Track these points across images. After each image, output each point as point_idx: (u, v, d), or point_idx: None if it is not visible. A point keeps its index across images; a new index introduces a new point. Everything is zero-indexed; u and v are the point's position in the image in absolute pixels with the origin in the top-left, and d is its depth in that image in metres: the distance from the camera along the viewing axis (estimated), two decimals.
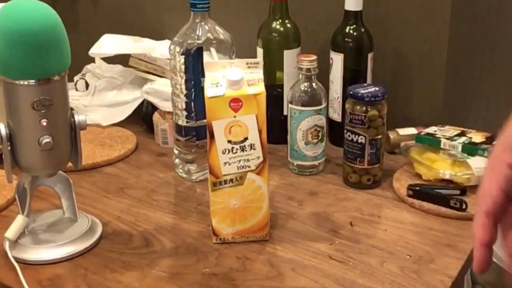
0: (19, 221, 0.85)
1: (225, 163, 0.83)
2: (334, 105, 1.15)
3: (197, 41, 0.99)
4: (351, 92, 0.98)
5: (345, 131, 1.00)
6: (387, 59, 1.20)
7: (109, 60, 1.35)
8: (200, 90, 0.97)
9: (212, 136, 0.82)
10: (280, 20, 1.14)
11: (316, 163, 1.07)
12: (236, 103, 0.80)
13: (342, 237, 0.88)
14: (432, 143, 1.03)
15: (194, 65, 0.99)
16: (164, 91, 1.18)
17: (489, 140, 1.02)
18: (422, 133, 1.06)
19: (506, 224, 0.56)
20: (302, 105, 1.03)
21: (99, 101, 1.32)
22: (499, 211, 0.55)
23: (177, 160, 1.08)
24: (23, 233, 0.86)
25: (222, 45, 1.00)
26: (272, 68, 1.15)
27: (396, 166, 1.07)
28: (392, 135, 1.12)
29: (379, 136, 0.99)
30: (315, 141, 1.05)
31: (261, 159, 0.83)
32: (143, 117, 1.27)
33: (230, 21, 1.15)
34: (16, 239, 0.84)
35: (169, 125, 1.18)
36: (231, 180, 0.84)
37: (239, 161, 0.83)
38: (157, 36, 1.37)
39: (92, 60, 1.38)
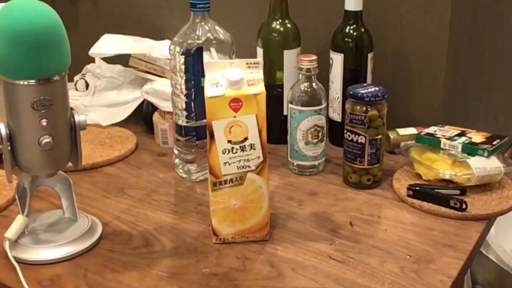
0: (19, 221, 0.85)
1: (225, 163, 0.83)
2: (334, 105, 1.15)
3: (197, 41, 0.99)
4: (351, 92, 0.98)
5: (345, 131, 1.00)
6: (387, 59, 1.20)
7: (109, 60, 1.35)
8: (200, 90, 0.97)
9: (212, 136, 0.82)
10: (280, 20, 1.14)
11: (316, 163, 1.07)
12: (236, 103, 0.80)
13: (342, 237, 0.88)
14: (432, 143, 1.03)
15: (194, 65, 0.99)
16: (164, 91, 1.18)
17: (489, 140, 1.02)
18: (422, 133, 1.06)
19: None
20: (302, 105, 1.03)
21: (99, 101, 1.32)
22: None
23: (177, 160, 1.08)
24: (23, 233, 0.86)
25: (222, 45, 1.00)
26: (272, 68, 1.15)
27: (396, 166, 1.07)
28: (392, 135, 1.12)
29: (379, 136, 0.99)
30: (315, 141, 1.05)
31: (261, 159, 0.83)
32: (143, 117, 1.27)
33: (230, 21, 1.14)
34: (16, 239, 0.84)
35: (169, 125, 1.18)
36: (231, 180, 0.84)
37: (239, 161, 0.83)
38: (157, 36, 1.37)
39: (92, 60, 1.38)
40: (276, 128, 1.13)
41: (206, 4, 0.99)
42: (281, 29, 1.14)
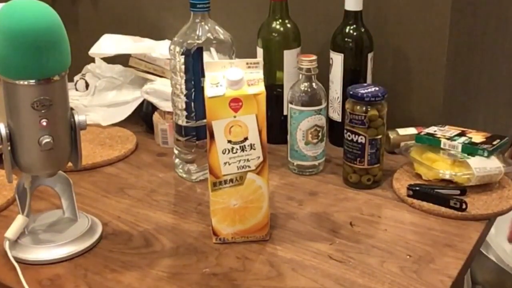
0: (19, 221, 0.85)
1: (225, 163, 0.83)
2: (334, 105, 1.15)
3: (197, 41, 0.99)
4: (351, 92, 0.98)
5: (345, 131, 1.00)
6: (387, 59, 1.20)
7: (109, 60, 1.35)
8: (200, 90, 0.97)
9: (212, 136, 0.82)
10: (280, 20, 1.14)
11: (316, 163, 1.07)
12: (236, 103, 0.80)
13: (342, 237, 0.88)
14: (432, 143, 1.03)
15: (194, 65, 0.99)
16: (164, 91, 1.18)
17: (489, 140, 1.02)
18: (422, 133, 1.06)
19: None
20: (302, 105, 1.03)
21: (99, 101, 1.32)
22: None
23: (177, 160, 1.08)
24: (23, 233, 0.86)
25: (222, 45, 1.00)
26: (272, 68, 1.15)
27: (396, 166, 1.07)
28: (392, 135, 1.12)
29: (379, 136, 0.99)
30: (315, 141, 1.05)
31: (261, 159, 0.83)
32: (143, 117, 1.27)
33: (230, 21, 1.15)
34: (16, 239, 0.84)
35: (169, 125, 1.18)
36: (231, 180, 0.84)
37: (239, 161, 0.83)
38: (157, 36, 1.37)
39: (92, 60, 1.38)
40: (276, 128, 1.13)
41: (206, 4, 0.99)
42: (281, 29, 1.14)
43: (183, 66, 0.99)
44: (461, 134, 1.04)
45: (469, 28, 1.23)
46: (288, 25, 1.14)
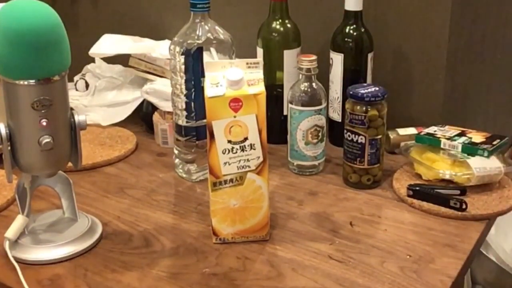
0: (19, 221, 0.85)
1: (225, 163, 0.83)
2: (334, 105, 1.15)
3: (197, 41, 0.99)
4: (351, 92, 0.98)
5: (345, 131, 1.00)
6: (387, 59, 1.20)
7: (109, 60, 1.35)
8: (200, 90, 0.97)
9: (212, 136, 0.82)
10: (280, 20, 1.14)
11: (316, 163, 1.07)
12: (236, 103, 0.80)
13: (342, 237, 0.88)
14: (432, 143, 1.03)
15: (194, 65, 0.99)
16: (164, 91, 1.18)
17: (489, 140, 1.02)
18: (422, 133, 1.06)
19: None
20: (302, 105, 1.03)
21: (99, 101, 1.32)
22: None
23: (177, 160, 1.08)
24: (23, 233, 0.86)
25: (222, 45, 1.00)
26: (272, 68, 1.15)
27: (396, 166, 1.07)
28: (392, 135, 1.12)
29: (379, 136, 0.99)
30: (315, 141, 1.05)
31: (261, 159, 0.83)
32: (143, 117, 1.27)
33: (230, 21, 1.14)
34: (16, 239, 0.84)
35: (169, 125, 1.18)
36: (231, 180, 0.84)
37: (239, 161, 0.83)
38: (157, 36, 1.37)
39: (92, 60, 1.38)
40: (276, 128, 1.13)
41: (206, 4, 0.99)
42: (281, 29, 1.14)
43: (183, 66, 0.99)
44: (461, 134, 1.04)
45: (469, 29, 1.23)
46: (288, 25, 1.14)
